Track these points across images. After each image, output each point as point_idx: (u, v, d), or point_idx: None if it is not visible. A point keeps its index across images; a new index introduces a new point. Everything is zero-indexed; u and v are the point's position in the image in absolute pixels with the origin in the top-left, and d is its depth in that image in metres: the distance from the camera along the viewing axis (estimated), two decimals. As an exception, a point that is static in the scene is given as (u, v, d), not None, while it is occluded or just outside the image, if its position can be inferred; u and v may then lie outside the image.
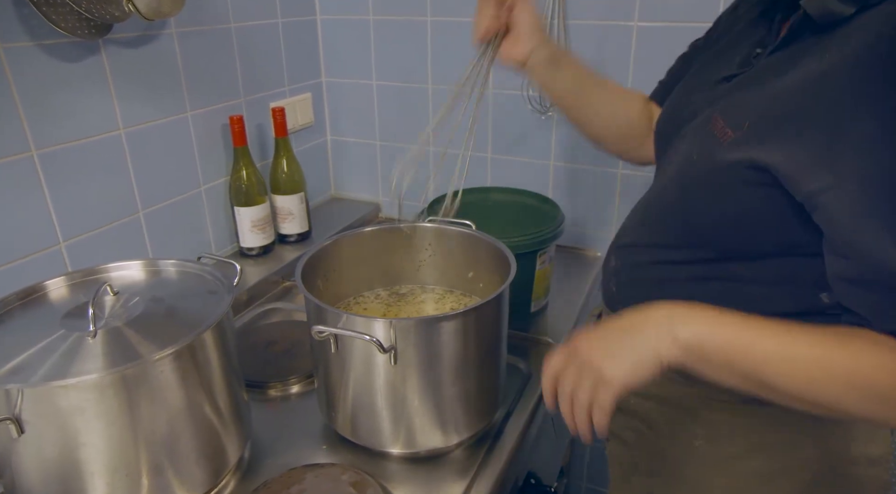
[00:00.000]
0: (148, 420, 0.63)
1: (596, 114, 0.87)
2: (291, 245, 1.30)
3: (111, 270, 0.77)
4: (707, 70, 0.70)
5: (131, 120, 0.99)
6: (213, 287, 0.75)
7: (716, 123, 0.60)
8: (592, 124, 0.88)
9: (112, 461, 0.62)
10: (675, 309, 0.56)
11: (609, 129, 0.88)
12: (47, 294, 0.73)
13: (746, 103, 0.57)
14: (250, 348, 1.01)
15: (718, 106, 0.61)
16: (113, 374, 0.59)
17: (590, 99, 0.85)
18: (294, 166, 1.25)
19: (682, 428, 0.71)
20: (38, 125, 0.86)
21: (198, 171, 1.14)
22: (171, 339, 0.64)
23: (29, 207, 0.87)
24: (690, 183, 0.63)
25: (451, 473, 0.77)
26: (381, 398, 0.73)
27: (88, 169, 0.94)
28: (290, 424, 0.86)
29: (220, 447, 0.72)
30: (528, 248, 0.99)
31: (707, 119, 0.61)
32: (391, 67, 1.37)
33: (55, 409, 0.59)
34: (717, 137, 0.58)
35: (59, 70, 0.87)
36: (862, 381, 0.50)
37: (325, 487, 0.72)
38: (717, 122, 0.59)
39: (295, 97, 1.36)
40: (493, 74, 1.27)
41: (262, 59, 1.25)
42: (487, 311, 0.73)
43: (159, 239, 1.08)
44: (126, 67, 0.97)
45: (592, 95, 0.85)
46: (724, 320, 0.54)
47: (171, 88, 1.06)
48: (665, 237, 0.69)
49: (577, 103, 0.86)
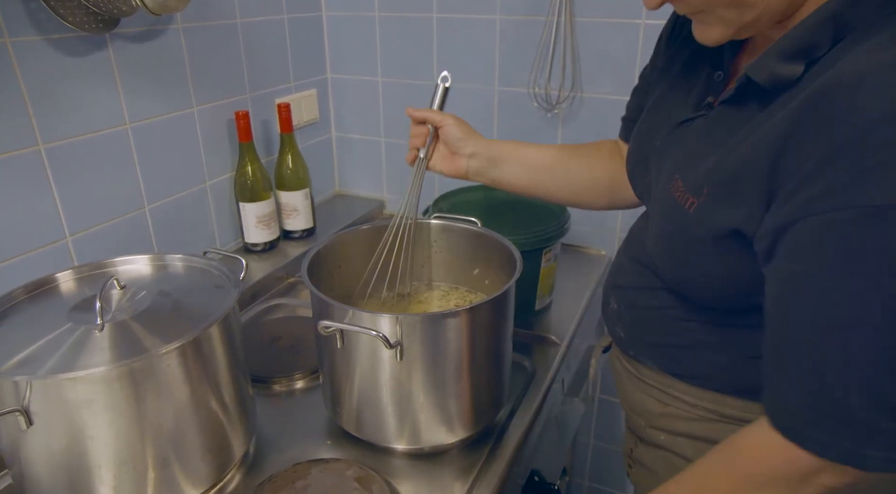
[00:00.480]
0: (154, 414, 0.63)
1: (557, 188, 0.87)
2: (296, 241, 1.30)
3: (118, 264, 0.77)
4: (664, 105, 0.69)
5: (138, 115, 0.99)
6: (220, 282, 0.75)
7: (676, 187, 0.60)
8: (555, 197, 0.89)
9: (119, 453, 0.63)
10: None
11: (575, 195, 0.88)
12: (55, 288, 0.73)
13: (701, 166, 0.57)
14: (255, 343, 1.01)
15: (677, 164, 0.62)
16: (120, 367, 0.60)
17: (543, 181, 0.86)
18: (299, 162, 1.26)
19: None
20: (45, 119, 0.86)
21: (203, 166, 1.14)
22: (177, 333, 0.64)
23: (36, 201, 0.87)
24: (669, 252, 0.63)
25: (455, 470, 0.77)
26: (386, 393, 0.73)
27: (95, 163, 0.94)
28: (295, 419, 0.86)
29: (225, 441, 0.72)
30: (534, 245, 0.99)
31: (670, 178, 0.62)
32: (396, 63, 1.37)
33: (63, 401, 0.59)
34: (683, 207, 0.59)
35: (67, 64, 0.87)
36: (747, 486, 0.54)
37: (330, 482, 0.72)
38: (677, 184, 0.60)
39: (300, 93, 1.36)
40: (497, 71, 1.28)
41: (268, 54, 1.25)
42: (493, 308, 0.73)
43: (165, 234, 1.08)
44: (133, 62, 0.97)
45: (544, 177, 0.86)
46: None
47: (178, 84, 1.06)
48: (660, 287, 0.68)
49: (533, 188, 0.87)
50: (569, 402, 1.09)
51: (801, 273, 0.47)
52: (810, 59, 0.49)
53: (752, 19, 0.52)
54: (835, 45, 0.48)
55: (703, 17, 0.55)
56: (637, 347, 0.74)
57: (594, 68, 1.20)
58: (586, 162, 0.86)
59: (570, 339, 1.04)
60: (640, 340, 0.73)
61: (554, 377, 0.96)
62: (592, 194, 0.87)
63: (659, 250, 0.65)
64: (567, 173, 0.86)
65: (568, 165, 0.86)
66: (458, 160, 0.85)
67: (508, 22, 1.23)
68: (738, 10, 0.51)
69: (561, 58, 1.20)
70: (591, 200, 0.88)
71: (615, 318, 0.77)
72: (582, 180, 0.86)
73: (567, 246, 1.34)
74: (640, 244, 0.73)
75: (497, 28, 1.25)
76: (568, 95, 1.23)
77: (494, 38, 1.25)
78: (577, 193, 0.87)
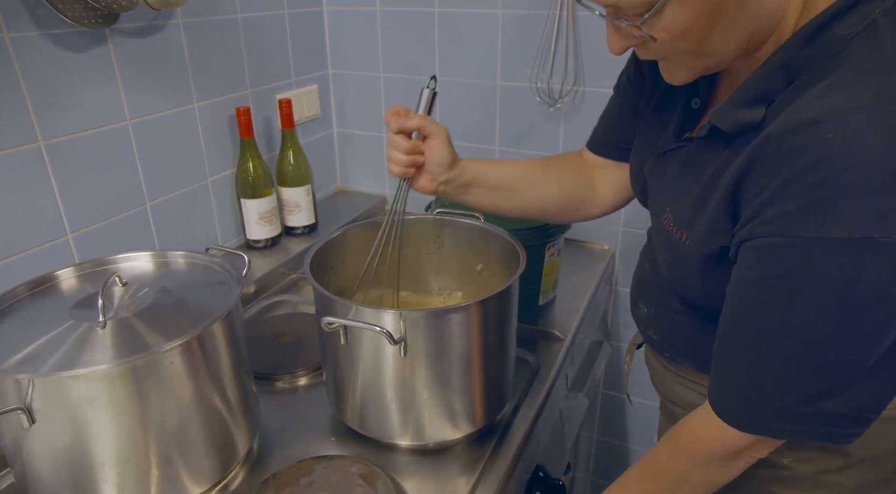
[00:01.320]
0: (157, 411, 0.63)
1: (524, 208, 0.86)
2: (298, 237, 1.30)
3: (120, 261, 0.77)
4: (651, 130, 0.73)
5: (138, 111, 0.99)
6: (222, 278, 0.75)
7: (668, 220, 0.65)
8: (525, 214, 0.88)
9: (122, 451, 0.62)
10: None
11: (542, 212, 0.87)
12: (56, 285, 0.72)
13: (684, 202, 0.62)
14: (258, 340, 1.01)
15: (667, 195, 0.67)
16: (122, 365, 0.59)
17: (509, 201, 0.85)
18: (301, 159, 1.25)
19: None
20: (45, 116, 0.85)
21: (204, 162, 1.14)
22: (180, 330, 0.63)
23: (37, 198, 0.86)
24: (679, 277, 0.66)
25: (459, 466, 0.76)
26: (390, 389, 0.73)
27: (96, 160, 0.94)
28: (299, 416, 0.86)
29: (229, 438, 0.72)
30: (537, 240, 0.98)
31: (661, 210, 0.67)
32: (398, 59, 1.36)
33: (66, 399, 0.58)
34: (678, 239, 0.63)
35: (66, 60, 0.87)
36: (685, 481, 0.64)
37: (335, 479, 0.72)
38: (668, 218, 0.65)
39: (301, 89, 1.35)
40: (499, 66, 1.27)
41: (269, 50, 1.25)
42: (497, 302, 0.73)
43: (166, 231, 1.08)
44: (133, 58, 0.96)
45: (509, 197, 0.84)
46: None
47: (178, 79, 1.05)
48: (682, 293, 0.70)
49: (499, 208, 0.85)
50: (573, 397, 1.08)
51: (747, 282, 0.54)
52: (769, 102, 0.54)
53: (713, 63, 0.57)
54: (789, 86, 0.53)
55: (666, 63, 0.61)
56: (672, 349, 0.75)
57: (596, 62, 1.19)
58: (555, 177, 0.85)
59: (574, 334, 1.04)
60: (674, 343, 0.74)
61: (558, 373, 0.95)
62: (560, 209, 0.87)
63: (669, 274, 0.68)
64: (532, 192, 0.85)
65: (532, 184, 0.85)
66: (429, 182, 0.79)
67: (510, 16, 1.22)
68: (699, 58, 0.56)
69: (563, 52, 1.19)
70: (559, 215, 0.89)
71: (646, 322, 0.77)
72: (548, 197, 0.85)
73: (570, 241, 1.33)
74: (656, 269, 0.74)
75: (499, 22, 1.24)
76: (570, 90, 1.22)
77: (496, 33, 1.25)
78: (545, 208, 0.86)
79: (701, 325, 0.67)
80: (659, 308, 0.74)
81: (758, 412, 0.57)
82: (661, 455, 0.67)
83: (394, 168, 0.78)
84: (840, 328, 0.50)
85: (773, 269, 0.51)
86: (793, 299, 0.51)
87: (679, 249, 0.63)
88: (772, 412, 0.56)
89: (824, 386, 0.53)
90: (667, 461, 0.66)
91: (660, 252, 0.70)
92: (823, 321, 0.51)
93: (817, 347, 0.52)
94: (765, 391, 0.55)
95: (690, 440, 0.63)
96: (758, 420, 0.57)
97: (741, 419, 0.58)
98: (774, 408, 0.56)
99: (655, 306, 0.74)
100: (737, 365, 0.57)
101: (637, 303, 0.79)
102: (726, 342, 0.58)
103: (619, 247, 1.31)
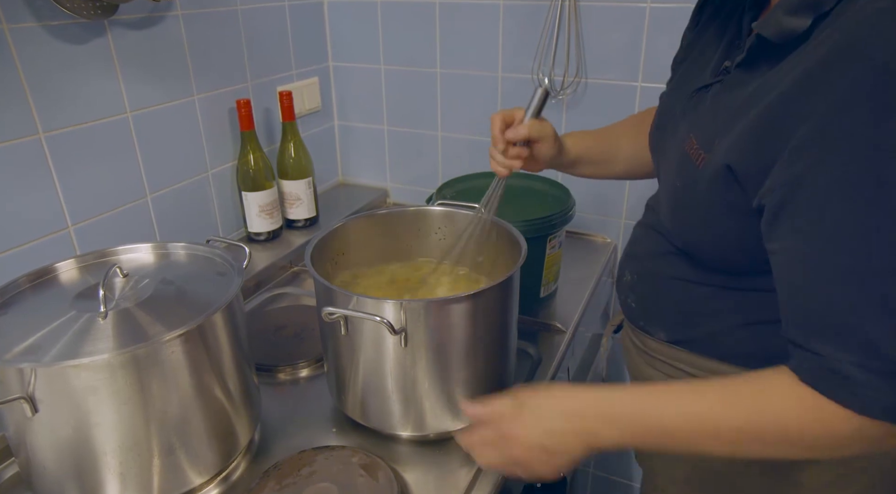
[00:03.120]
0: (159, 401, 0.63)
1: (627, 173, 0.91)
2: (299, 230, 1.30)
3: (120, 252, 0.77)
4: (686, 78, 0.71)
5: (138, 103, 0.99)
6: (223, 270, 0.75)
7: (691, 145, 0.61)
8: (631, 176, 0.93)
9: (124, 440, 0.62)
10: (585, 429, 0.58)
11: (646, 173, 0.90)
12: (58, 276, 0.73)
13: (715, 122, 0.58)
14: (259, 332, 1.01)
15: (693, 124, 0.63)
16: (124, 354, 0.59)
17: (612, 170, 0.91)
18: (301, 151, 1.25)
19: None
20: (44, 108, 0.85)
21: (205, 155, 1.14)
22: (181, 320, 0.64)
23: (37, 190, 0.86)
24: (679, 211, 0.64)
25: (461, 456, 0.77)
26: (391, 380, 0.73)
27: (96, 152, 0.93)
28: (300, 407, 0.86)
29: (230, 428, 0.72)
30: (538, 232, 0.98)
31: (684, 138, 0.63)
32: (399, 50, 1.36)
33: (68, 388, 0.59)
34: (693, 162, 0.60)
35: (65, 52, 0.87)
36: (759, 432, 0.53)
37: (336, 469, 0.72)
38: (692, 142, 0.61)
39: (302, 81, 1.35)
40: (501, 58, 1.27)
41: (269, 42, 1.24)
42: (498, 293, 0.72)
43: (167, 224, 1.08)
44: (132, 50, 0.96)
45: (615, 166, 0.90)
46: (633, 417, 0.57)
47: (178, 71, 1.05)
48: (673, 252, 0.69)
49: (605, 176, 0.93)
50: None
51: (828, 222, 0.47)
52: (817, 14, 0.50)
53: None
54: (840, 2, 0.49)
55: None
56: (647, 316, 0.74)
57: (599, 54, 1.18)
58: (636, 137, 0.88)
59: (576, 326, 1.04)
60: (650, 308, 0.73)
61: (559, 365, 0.95)
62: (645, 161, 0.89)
63: (669, 211, 0.66)
64: (632, 156, 0.89)
65: (631, 149, 0.89)
66: (536, 165, 0.85)
67: (512, 7, 1.22)
68: None
69: (565, 43, 1.19)
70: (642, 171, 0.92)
71: (627, 289, 0.77)
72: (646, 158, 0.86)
73: (572, 233, 1.33)
74: (654, 213, 0.74)
75: (500, 14, 1.23)
76: (572, 81, 1.21)
77: (498, 24, 1.24)
78: (647, 172, 0.90)
79: (681, 280, 0.66)
80: (644, 274, 0.74)
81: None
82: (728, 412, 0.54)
83: (499, 170, 0.80)
84: None
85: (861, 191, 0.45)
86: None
87: (692, 172, 0.60)
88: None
89: None
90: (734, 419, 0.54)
91: (665, 187, 0.68)
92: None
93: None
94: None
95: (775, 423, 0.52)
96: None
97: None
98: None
99: (640, 273, 0.74)
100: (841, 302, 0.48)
101: (623, 272, 0.78)
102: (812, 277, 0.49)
103: (621, 239, 1.31)
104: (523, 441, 0.60)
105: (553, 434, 0.59)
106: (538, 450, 0.60)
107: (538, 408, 0.61)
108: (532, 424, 0.60)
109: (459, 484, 0.73)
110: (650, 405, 0.57)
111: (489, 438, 0.63)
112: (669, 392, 0.57)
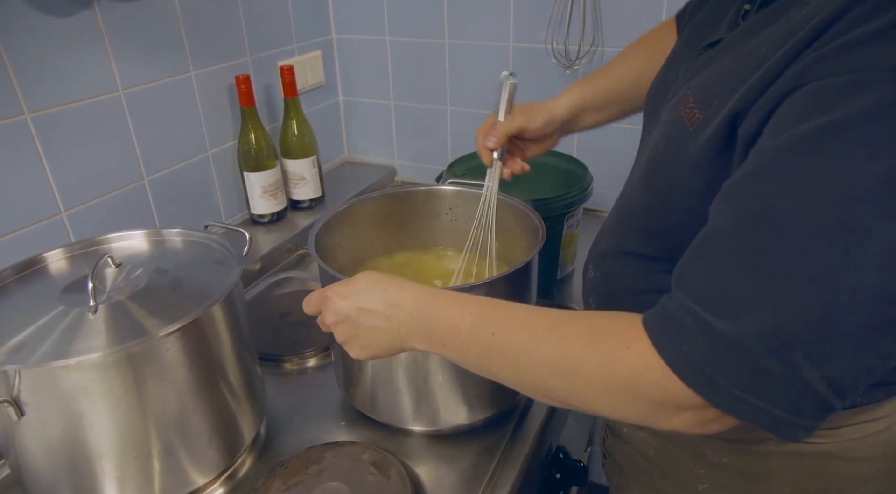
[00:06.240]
0: (156, 400, 0.59)
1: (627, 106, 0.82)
2: (304, 211, 1.25)
3: (112, 240, 0.73)
4: (695, 35, 0.62)
5: (131, 80, 0.93)
6: (221, 257, 0.70)
7: (686, 103, 0.53)
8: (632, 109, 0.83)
9: (120, 443, 0.59)
10: (407, 323, 0.54)
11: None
12: (45, 268, 0.68)
13: (717, 76, 0.50)
14: (263, 319, 0.97)
15: (692, 84, 0.54)
16: (117, 352, 0.55)
17: (624, 110, 0.82)
18: (305, 129, 1.19)
19: (683, 468, 0.63)
20: (29, 85, 0.80)
21: (204, 134, 1.08)
22: (177, 313, 0.59)
23: (25, 174, 0.82)
24: (654, 178, 0.57)
25: (476, 451, 0.73)
26: (402, 372, 0.69)
27: (87, 133, 0.89)
28: (307, 399, 0.82)
29: (233, 425, 0.69)
30: (555, 211, 0.93)
31: (680, 98, 0.54)
32: (405, 21, 1.29)
33: (56, 390, 0.55)
34: (685, 123, 0.52)
35: (50, 26, 0.81)
36: (568, 369, 0.47)
37: (345, 466, 0.69)
38: (687, 101, 0.53)
39: (304, 55, 1.29)
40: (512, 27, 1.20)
41: (269, 14, 1.18)
42: (515, 279, 0.68)
43: (166, 207, 1.03)
44: (122, 22, 0.90)
45: (627, 106, 0.82)
46: (449, 329, 0.53)
47: (172, 46, 0.99)
48: (638, 243, 0.61)
49: (619, 117, 0.83)
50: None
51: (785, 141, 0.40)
52: None
53: None
54: None
55: None
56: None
57: (616, 22, 1.11)
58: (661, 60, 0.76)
59: (594, 310, 0.99)
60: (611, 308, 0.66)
61: (578, 351, 0.91)
62: None
63: (643, 183, 0.59)
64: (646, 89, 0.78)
65: (643, 80, 0.76)
66: (546, 142, 0.81)
67: (524, -29, 1.14)
68: None
69: (580, 11, 1.12)
70: None
71: (590, 287, 0.69)
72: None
73: (589, 211, 1.27)
74: (618, 205, 0.66)
75: (511, -22, 1.16)
76: (588, 51, 1.14)
77: (509, -10, 1.17)
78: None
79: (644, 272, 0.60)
80: (607, 270, 0.66)
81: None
82: (545, 343, 0.49)
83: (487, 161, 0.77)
84: None
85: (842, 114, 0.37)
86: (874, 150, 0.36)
87: (681, 133, 0.52)
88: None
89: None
90: (546, 352, 0.49)
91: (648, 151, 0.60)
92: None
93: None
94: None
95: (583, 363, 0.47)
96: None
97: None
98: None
99: (603, 270, 0.66)
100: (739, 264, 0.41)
101: (588, 267, 0.71)
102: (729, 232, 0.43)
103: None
104: (338, 307, 0.57)
105: (365, 313, 0.55)
106: (372, 331, 0.56)
107: (365, 279, 0.57)
108: (352, 293, 0.57)
109: (476, 482, 0.69)
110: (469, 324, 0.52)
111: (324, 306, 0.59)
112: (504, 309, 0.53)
